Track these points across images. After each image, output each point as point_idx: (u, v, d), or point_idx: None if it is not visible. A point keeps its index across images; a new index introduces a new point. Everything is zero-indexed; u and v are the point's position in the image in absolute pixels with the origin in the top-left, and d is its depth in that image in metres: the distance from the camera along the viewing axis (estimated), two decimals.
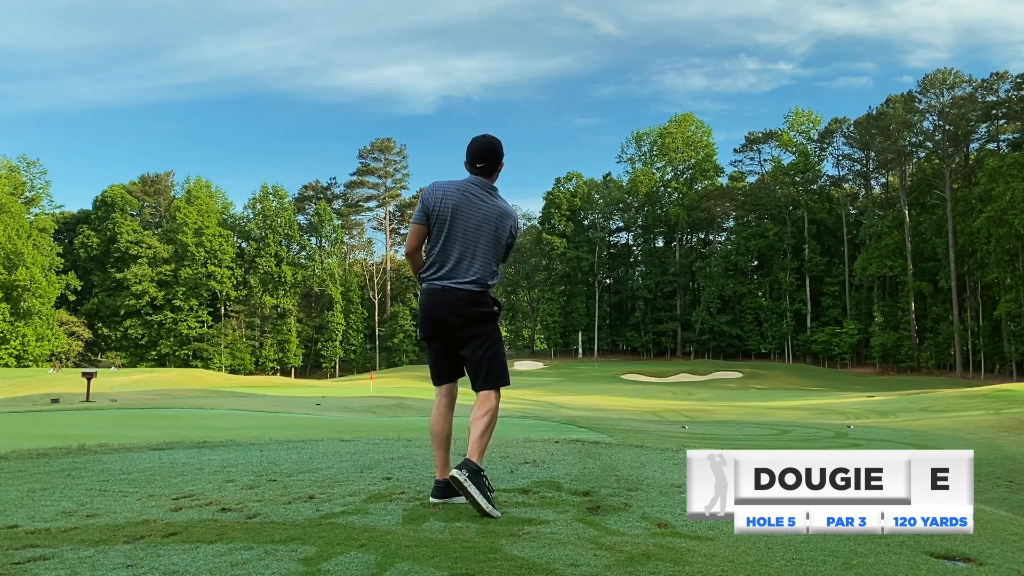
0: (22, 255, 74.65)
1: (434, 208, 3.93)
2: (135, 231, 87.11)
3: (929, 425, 20.90)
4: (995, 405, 29.67)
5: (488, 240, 3.92)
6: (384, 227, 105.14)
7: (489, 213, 3.93)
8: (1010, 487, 10.47)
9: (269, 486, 4.35)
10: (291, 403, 27.98)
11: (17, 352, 74.29)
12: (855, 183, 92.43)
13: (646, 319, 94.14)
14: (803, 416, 28.96)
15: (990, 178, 66.56)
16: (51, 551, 2.88)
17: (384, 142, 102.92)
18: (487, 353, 3.91)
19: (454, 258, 3.90)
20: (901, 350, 76.30)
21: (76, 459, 5.31)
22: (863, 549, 3.11)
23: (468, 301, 3.87)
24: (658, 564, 2.79)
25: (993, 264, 67.51)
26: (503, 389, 3.99)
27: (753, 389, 59.96)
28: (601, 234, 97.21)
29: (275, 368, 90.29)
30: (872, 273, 77.46)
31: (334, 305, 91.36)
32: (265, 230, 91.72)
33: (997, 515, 4.27)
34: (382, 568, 2.69)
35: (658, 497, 4.13)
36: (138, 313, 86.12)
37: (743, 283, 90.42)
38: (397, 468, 5.00)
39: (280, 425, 14.00)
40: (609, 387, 58.63)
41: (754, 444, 14.81)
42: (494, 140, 4.04)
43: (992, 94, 73.44)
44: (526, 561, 2.79)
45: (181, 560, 2.77)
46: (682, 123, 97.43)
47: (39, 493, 4.12)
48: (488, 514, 3.54)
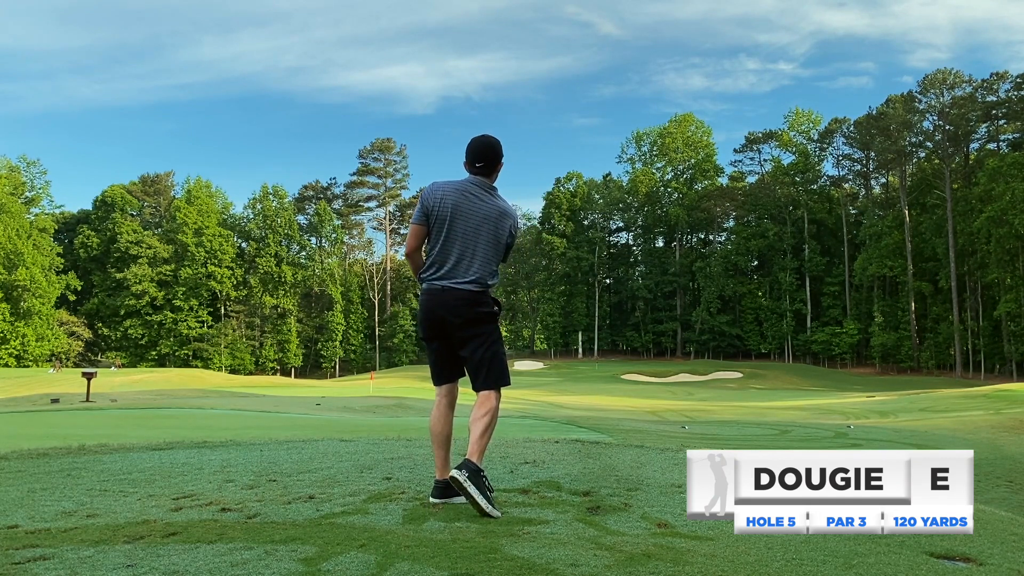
0: (22, 255, 74.65)
1: (434, 208, 3.93)
2: (135, 231, 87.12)
3: (929, 425, 20.90)
4: (995, 405, 29.67)
5: (488, 240, 3.92)
6: (384, 227, 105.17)
7: (489, 213, 3.93)
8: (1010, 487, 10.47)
9: (269, 486, 4.35)
10: (291, 403, 27.98)
11: (17, 352, 74.30)
12: (855, 183, 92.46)
13: (646, 319, 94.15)
14: (803, 416, 28.96)
15: (990, 178, 66.57)
16: (51, 551, 2.88)
17: (384, 142, 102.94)
18: (487, 353, 3.90)
19: (454, 258, 3.90)
20: (901, 350, 76.30)
21: (76, 459, 5.31)
22: (863, 549, 3.11)
23: (468, 301, 3.87)
24: (658, 564, 2.79)
25: (993, 264, 67.51)
26: (503, 389, 3.99)
27: (753, 389, 59.96)
28: (601, 234, 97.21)
29: (275, 368, 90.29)
30: (872, 273, 77.46)
31: (334, 305, 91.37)
32: (265, 230, 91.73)
33: (997, 515, 4.27)
34: (382, 568, 2.69)
35: (658, 497, 4.13)
36: (138, 313, 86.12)
37: (743, 283, 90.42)
38: (397, 468, 5.00)
39: (280, 425, 14.00)
40: (609, 387, 58.63)
41: (754, 444, 14.81)
42: (493, 140, 4.04)
43: (992, 94, 73.46)
44: (526, 561, 2.79)
45: (181, 560, 2.77)
46: (682, 123, 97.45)
47: (39, 493, 4.12)
48: (488, 514, 3.54)
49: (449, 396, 4.08)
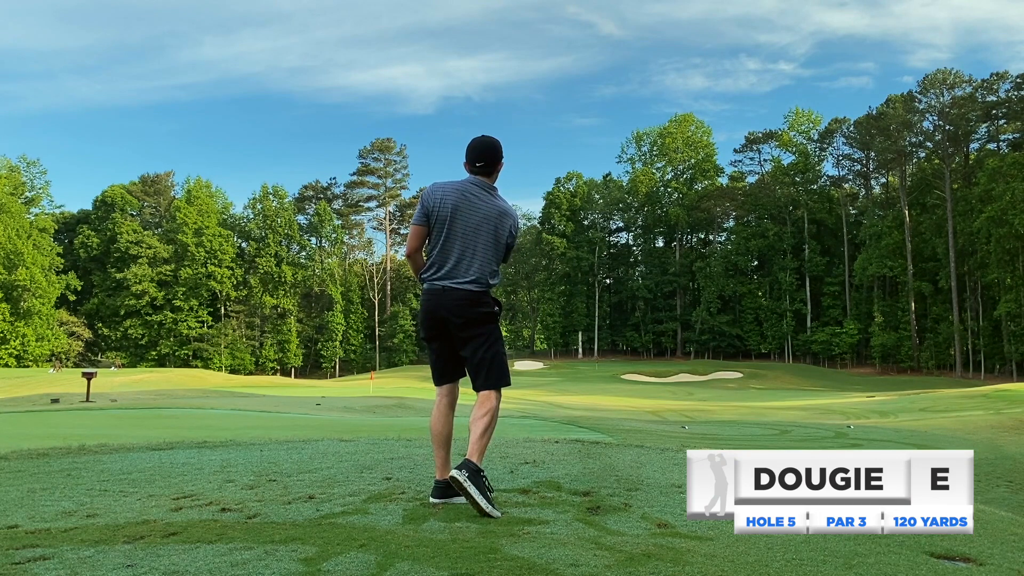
0: (22, 255, 74.66)
1: (434, 209, 3.93)
2: (135, 231, 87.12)
3: (929, 425, 20.90)
4: (995, 405, 29.68)
5: (488, 240, 3.92)
6: (384, 227, 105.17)
7: (489, 213, 3.93)
8: (1010, 487, 10.47)
9: (269, 486, 4.35)
10: (291, 403, 27.98)
11: (17, 352, 74.31)
12: (855, 183, 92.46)
13: (646, 319, 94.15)
14: (803, 416, 28.97)
15: (990, 178, 66.57)
16: (51, 551, 2.88)
17: (384, 142, 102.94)
18: (487, 353, 3.90)
19: (454, 258, 3.90)
20: (901, 350, 76.30)
21: (76, 459, 5.31)
22: (863, 549, 3.11)
23: (468, 301, 3.87)
24: (658, 564, 2.79)
25: (993, 264, 67.50)
26: (504, 389, 3.99)
27: (753, 389, 59.96)
28: (601, 234, 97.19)
29: (275, 368, 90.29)
30: (872, 273, 77.46)
31: (334, 305, 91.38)
32: (265, 230, 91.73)
33: (997, 515, 4.27)
34: (382, 568, 2.69)
35: (658, 497, 4.13)
36: (138, 313, 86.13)
37: (743, 283, 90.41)
38: (397, 468, 5.00)
39: (280, 425, 13.99)
40: (609, 387, 58.64)
41: (754, 444, 14.81)
42: (493, 140, 4.05)
43: (992, 94, 73.46)
44: (526, 561, 2.79)
45: (181, 560, 2.77)
46: (682, 123, 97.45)
47: (39, 493, 4.12)
48: (488, 514, 3.54)
49: (449, 396, 4.08)
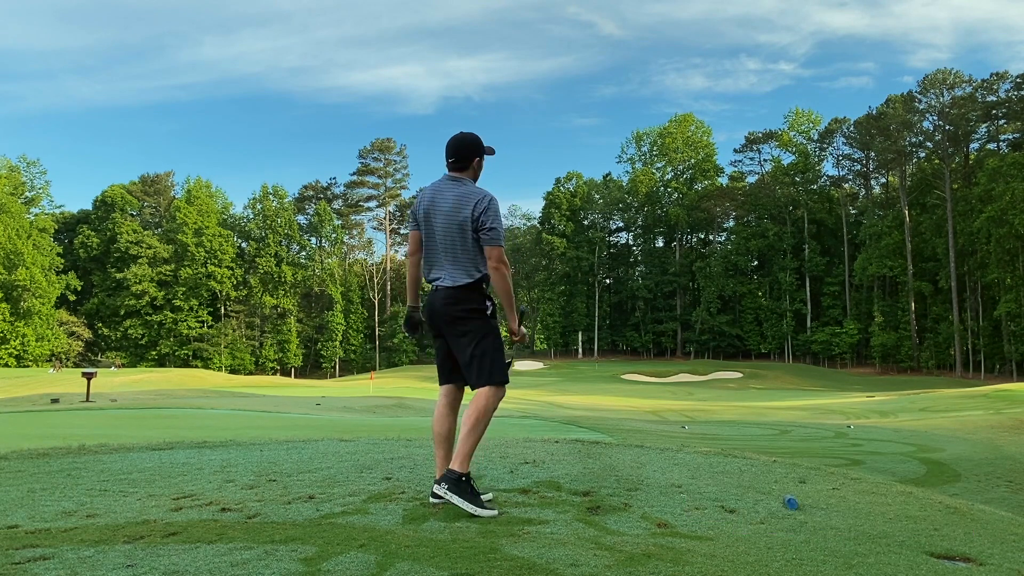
0: (22, 255, 74.69)
1: (416, 212, 4.02)
2: (135, 231, 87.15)
3: (929, 425, 20.89)
4: (995, 405, 29.67)
5: (457, 233, 3.85)
6: (384, 227, 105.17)
7: (453, 204, 3.87)
8: (1010, 487, 10.46)
9: (269, 486, 4.35)
10: (291, 403, 27.97)
11: (17, 352, 74.33)
12: (855, 183, 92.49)
13: (646, 319, 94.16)
14: (803, 416, 28.99)
15: (990, 178, 66.59)
16: (51, 551, 2.88)
17: (384, 142, 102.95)
18: (476, 351, 3.88)
19: (435, 257, 3.95)
20: (901, 350, 76.31)
21: (76, 459, 5.31)
22: (863, 549, 3.10)
23: (451, 299, 3.89)
24: (658, 564, 2.79)
25: (993, 264, 67.53)
26: (504, 389, 3.98)
27: (753, 389, 59.96)
28: (601, 234, 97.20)
29: (275, 368, 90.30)
30: (872, 273, 77.48)
31: (334, 305, 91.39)
32: (265, 230, 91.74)
33: (997, 515, 4.27)
34: (382, 568, 2.69)
35: (658, 497, 4.13)
36: (138, 313, 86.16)
37: (743, 283, 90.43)
38: (397, 468, 5.00)
39: (280, 425, 13.99)
40: (609, 387, 58.64)
41: (754, 444, 14.82)
42: (464, 135, 4.06)
43: (992, 94, 73.49)
44: (526, 561, 2.79)
45: (181, 560, 2.77)
46: (682, 123, 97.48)
47: (39, 493, 4.12)
48: (481, 516, 3.54)
49: (449, 397, 4.08)
